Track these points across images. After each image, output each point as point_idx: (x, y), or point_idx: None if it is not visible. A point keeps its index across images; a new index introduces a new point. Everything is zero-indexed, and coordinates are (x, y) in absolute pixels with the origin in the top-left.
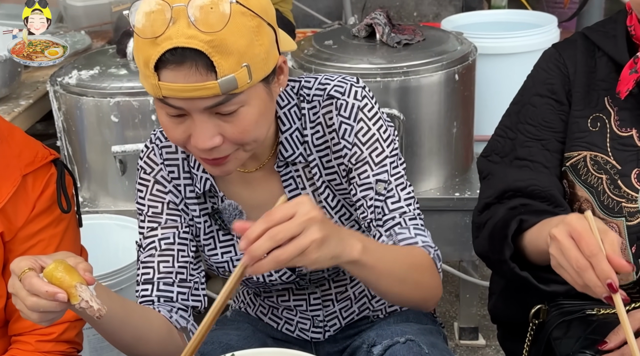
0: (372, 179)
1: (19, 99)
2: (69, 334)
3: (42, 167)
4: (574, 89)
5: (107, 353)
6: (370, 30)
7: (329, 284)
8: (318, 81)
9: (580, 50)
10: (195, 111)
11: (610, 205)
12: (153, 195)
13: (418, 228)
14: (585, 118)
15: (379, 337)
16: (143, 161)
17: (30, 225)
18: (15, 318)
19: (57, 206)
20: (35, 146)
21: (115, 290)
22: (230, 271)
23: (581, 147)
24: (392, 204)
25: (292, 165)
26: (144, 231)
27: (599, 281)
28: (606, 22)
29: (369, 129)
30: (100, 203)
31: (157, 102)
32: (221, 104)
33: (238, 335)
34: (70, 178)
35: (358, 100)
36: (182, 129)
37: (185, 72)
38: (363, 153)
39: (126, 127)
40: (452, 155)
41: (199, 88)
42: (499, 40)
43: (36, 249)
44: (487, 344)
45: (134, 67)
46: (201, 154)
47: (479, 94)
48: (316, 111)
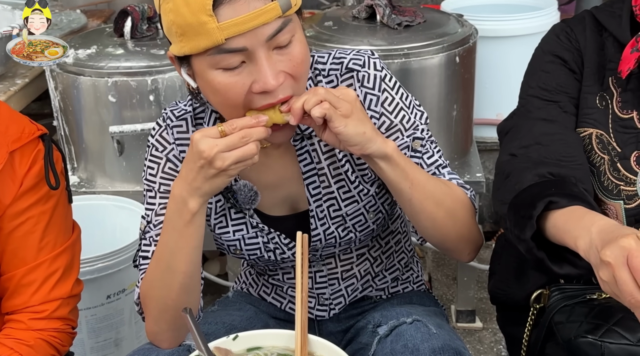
0: (406, 140)
1: (14, 78)
2: (61, 311)
3: (29, 143)
4: (585, 63)
5: (105, 333)
6: (370, 12)
7: (335, 262)
8: (332, 55)
9: (589, 28)
10: (258, 46)
11: (609, 187)
12: (165, 173)
13: (451, 173)
14: (593, 94)
15: (384, 318)
16: (155, 139)
17: (19, 202)
18: (7, 295)
19: (45, 183)
20: (22, 122)
21: (113, 271)
22: (241, 250)
23: (588, 124)
24: (429, 159)
25: (308, 139)
26: (156, 207)
27: None
28: (614, 2)
29: (394, 98)
30: (98, 183)
31: (212, 59)
32: (279, 31)
33: (241, 316)
34: (59, 153)
35: (379, 71)
36: (243, 80)
37: (243, 0)
38: (393, 122)
39: (124, 108)
40: (452, 138)
41: (262, 12)
42: (498, 22)
43: (26, 225)
44: (484, 327)
45: (132, 46)
46: (266, 99)
47: (478, 76)
48: (334, 85)
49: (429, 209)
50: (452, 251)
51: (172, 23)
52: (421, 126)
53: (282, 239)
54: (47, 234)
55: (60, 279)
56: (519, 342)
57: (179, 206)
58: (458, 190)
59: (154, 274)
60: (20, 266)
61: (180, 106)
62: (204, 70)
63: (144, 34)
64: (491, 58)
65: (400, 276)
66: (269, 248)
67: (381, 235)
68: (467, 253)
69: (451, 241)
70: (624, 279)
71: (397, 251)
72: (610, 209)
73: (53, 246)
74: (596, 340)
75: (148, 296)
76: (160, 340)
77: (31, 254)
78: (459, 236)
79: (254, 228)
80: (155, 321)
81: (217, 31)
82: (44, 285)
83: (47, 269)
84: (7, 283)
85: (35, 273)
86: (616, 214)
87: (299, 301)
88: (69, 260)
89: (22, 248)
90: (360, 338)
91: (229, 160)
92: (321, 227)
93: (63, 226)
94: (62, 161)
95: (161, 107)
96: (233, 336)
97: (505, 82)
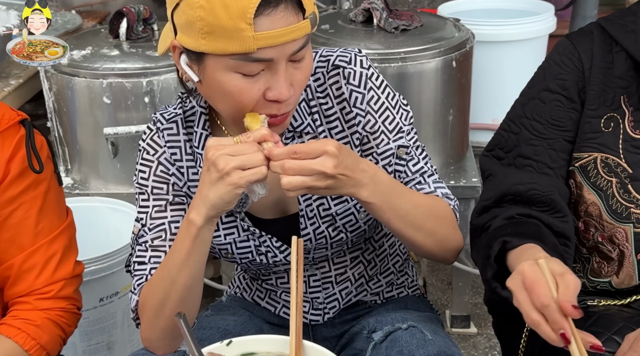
0: (392, 145)
1: (8, 79)
2: (66, 291)
3: (9, 128)
4: (588, 86)
5: (97, 336)
6: (367, 15)
7: (329, 266)
8: (319, 54)
9: (597, 44)
10: (282, 59)
11: (618, 210)
12: (157, 176)
13: (437, 182)
14: (598, 118)
15: (379, 323)
16: (146, 143)
17: (9, 190)
18: (9, 284)
19: None
20: (1, 109)
21: (106, 274)
22: (232, 253)
23: (592, 148)
24: (413, 167)
25: (299, 137)
26: (149, 210)
27: (553, 334)
28: (625, 14)
29: (379, 97)
30: (91, 185)
31: (234, 63)
32: (303, 47)
33: (235, 321)
34: (42, 137)
35: (365, 68)
36: (258, 86)
37: (281, 14)
38: (377, 122)
39: (118, 109)
40: (448, 143)
41: (296, 29)
42: (494, 27)
43: (19, 212)
44: (478, 332)
45: (127, 48)
46: (272, 109)
47: (474, 81)
48: (322, 83)
49: (409, 234)
50: (432, 259)
51: (200, 19)
52: (406, 128)
53: (274, 242)
54: (42, 218)
55: (61, 260)
56: (516, 349)
57: (187, 219)
58: (442, 204)
59: (157, 283)
60: (18, 253)
61: (170, 110)
62: (219, 70)
63: (140, 35)
64: (487, 63)
65: (395, 281)
66: (261, 251)
67: (375, 238)
68: (448, 258)
69: (430, 253)
70: (520, 299)
71: (391, 254)
72: (619, 232)
73: (49, 230)
74: None
75: (147, 304)
76: (155, 347)
77: (28, 240)
78: (437, 248)
79: (245, 231)
80: (152, 329)
81: (251, 40)
82: (46, 268)
83: (46, 252)
84: (8, 272)
85: (35, 257)
86: (625, 237)
87: (294, 307)
88: (67, 242)
89: (19, 235)
90: (354, 343)
91: (232, 163)
92: (311, 227)
93: (57, 209)
94: (46, 145)
95: (156, 109)
96: (227, 342)
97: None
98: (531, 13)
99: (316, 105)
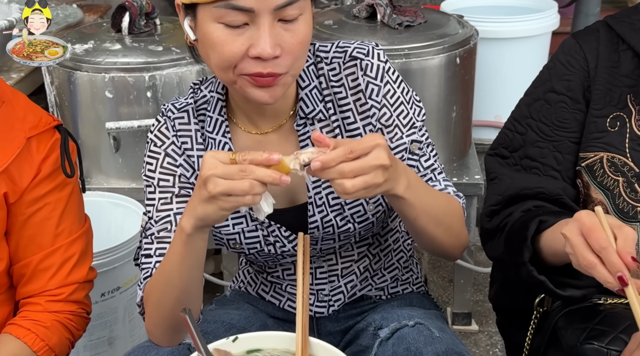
0: (405, 139)
1: (10, 72)
2: (77, 295)
3: (45, 131)
4: (594, 86)
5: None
6: (371, 11)
7: (336, 258)
8: (335, 44)
9: (603, 43)
10: (265, 12)
11: (625, 209)
12: (164, 168)
13: (446, 179)
14: (604, 118)
15: (385, 320)
16: (154, 135)
17: (37, 189)
18: (23, 282)
19: (62, 171)
20: (39, 112)
21: (108, 269)
22: (241, 243)
23: (598, 148)
24: (425, 162)
25: (311, 125)
26: (156, 202)
27: (610, 276)
28: (632, 12)
29: (395, 91)
30: (93, 180)
31: (217, 12)
32: (289, 4)
33: (239, 315)
34: (74, 144)
35: (382, 61)
36: (241, 41)
37: None
38: (392, 116)
39: (120, 104)
40: (451, 140)
41: None
42: (498, 24)
43: (43, 212)
44: (480, 330)
45: (129, 42)
46: (257, 67)
47: (477, 78)
48: (337, 73)
49: (430, 230)
50: (442, 255)
51: None
52: (419, 124)
53: (283, 232)
54: (63, 220)
55: (77, 264)
56: (520, 347)
57: (179, 224)
58: (454, 201)
59: (157, 282)
60: (37, 252)
61: (181, 100)
62: (206, 21)
63: (142, 29)
64: (490, 60)
65: (399, 276)
66: (269, 241)
67: (381, 233)
68: (457, 254)
69: (443, 249)
70: (576, 244)
71: (395, 249)
72: None
73: (69, 232)
74: (602, 347)
75: (149, 301)
76: (159, 341)
77: (48, 240)
78: (450, 244)
79: (253, 221)
80: (154, 324)
81: None
82: (61, 270)
83: (64, 254)
84: (24, 269)
85: (53, 257)
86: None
87: (300, 303)
88: (84, 246)
89: (40, 234)
90: (360, 340)
91: (219, 188)
92: (319, 214)
93: (77, 213)
94: (76, 151)
95: (158, 103)
96: (233, 338)
97: (505, 84)
98: (534, 10)
99: (330, 94)
